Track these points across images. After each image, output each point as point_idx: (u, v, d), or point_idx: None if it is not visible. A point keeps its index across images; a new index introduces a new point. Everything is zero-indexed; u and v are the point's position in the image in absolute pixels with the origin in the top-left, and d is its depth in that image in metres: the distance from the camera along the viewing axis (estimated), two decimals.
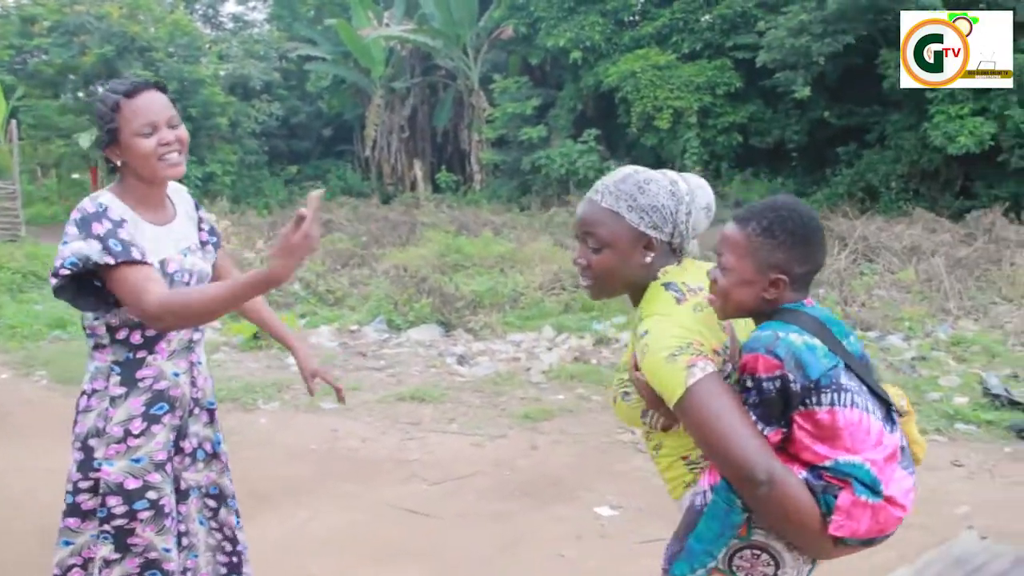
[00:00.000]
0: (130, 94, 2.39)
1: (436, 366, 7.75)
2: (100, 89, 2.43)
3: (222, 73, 23.67)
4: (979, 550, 3.56)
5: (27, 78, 21.52)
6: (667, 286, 1.94)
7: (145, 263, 2.30)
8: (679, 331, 1.82)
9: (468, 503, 4.65)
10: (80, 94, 22.73)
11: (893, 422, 1.84)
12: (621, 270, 1.96)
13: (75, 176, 22.72)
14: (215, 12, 28.95)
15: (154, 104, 2.43)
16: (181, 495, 2.53)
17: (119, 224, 2.33)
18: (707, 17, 19.75)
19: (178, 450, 2.52)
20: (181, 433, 2.53)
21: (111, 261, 2.26)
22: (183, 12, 23.44)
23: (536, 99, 21.65)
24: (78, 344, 8.62)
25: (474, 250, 12.96)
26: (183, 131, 2.48)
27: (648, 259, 1.95)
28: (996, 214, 12.61)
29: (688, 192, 1.99)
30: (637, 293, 2.01)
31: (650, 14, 20.75)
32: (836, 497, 1.72)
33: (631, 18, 21.42)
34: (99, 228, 2.30)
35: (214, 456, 2.66)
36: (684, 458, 1.95)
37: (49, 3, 21.04)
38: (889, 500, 1.75)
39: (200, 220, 2.71)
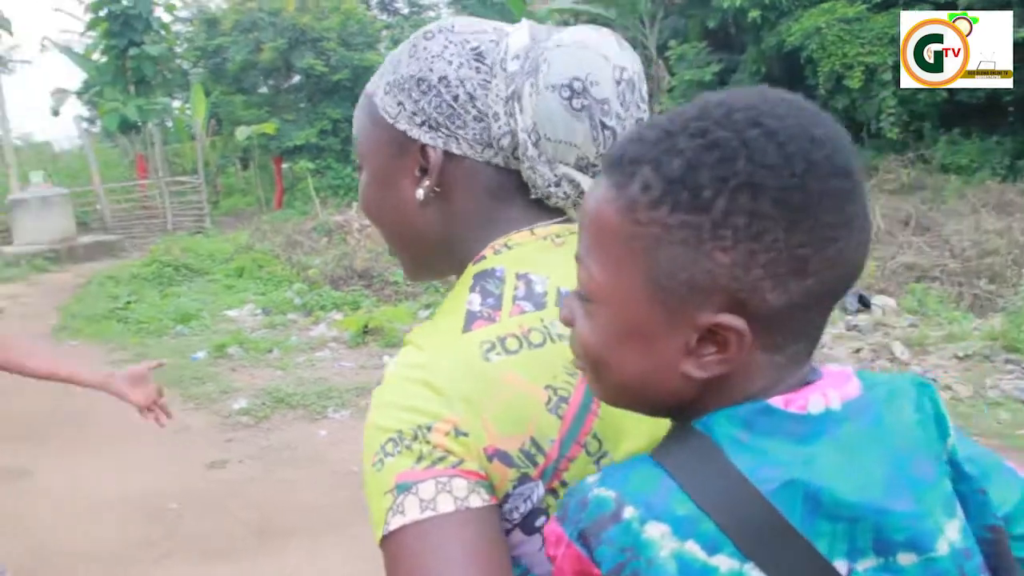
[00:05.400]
0: None
1: None
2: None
3: None
4: None
5: (212, 77, 22.45)
6: (482, 276, 0.89)
7: None
8: (412, 399, 0.82)
9: None
10: (263, 89, 23.46)
11: None
12: (389, 212, 0.96)
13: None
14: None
15: None
16: None
17: None
18: None
19: None
20: None
21: None
22: (355, 1, 23.73)
23: (716, 64, 20.19)
24: (198, 339, 8.49)
25: None
26: None
27: (420, 192, 0.91)
28: None
29: (521, 54, 0.90)
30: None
31: None
32: None
33: None
34: None
35: None
36: None
37: (230, 4, 21.93)
38: None
39: None
